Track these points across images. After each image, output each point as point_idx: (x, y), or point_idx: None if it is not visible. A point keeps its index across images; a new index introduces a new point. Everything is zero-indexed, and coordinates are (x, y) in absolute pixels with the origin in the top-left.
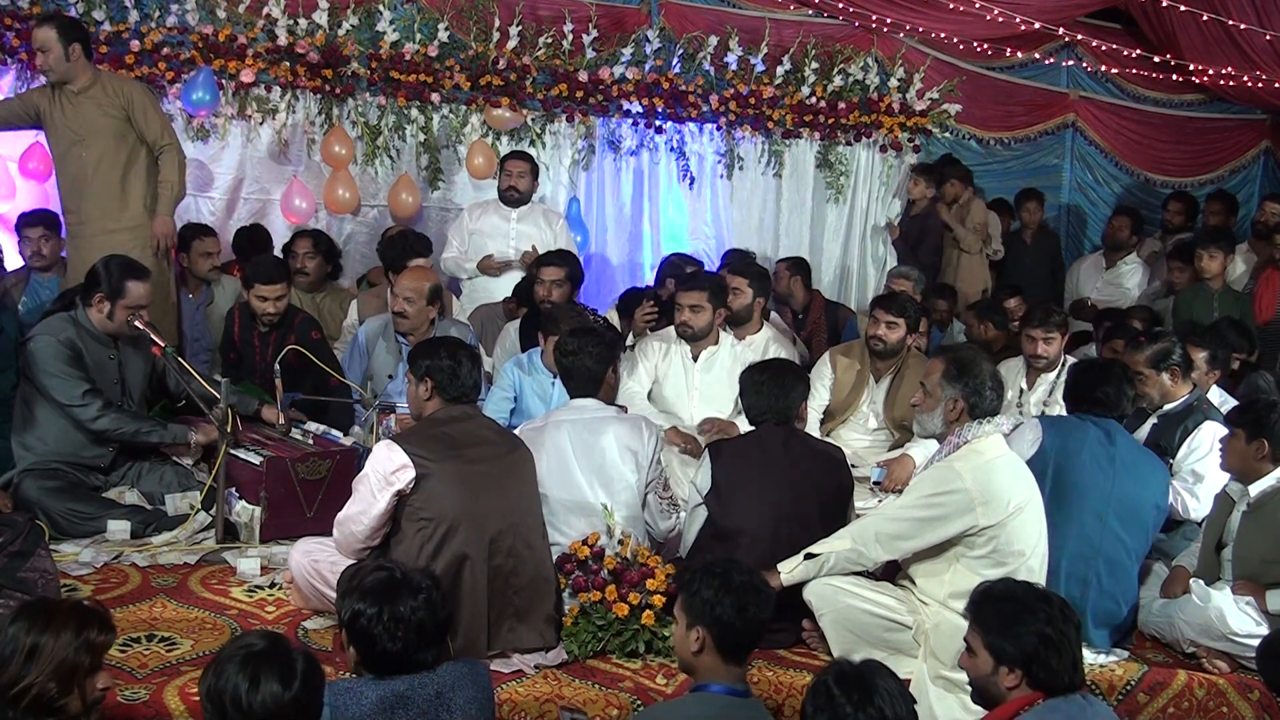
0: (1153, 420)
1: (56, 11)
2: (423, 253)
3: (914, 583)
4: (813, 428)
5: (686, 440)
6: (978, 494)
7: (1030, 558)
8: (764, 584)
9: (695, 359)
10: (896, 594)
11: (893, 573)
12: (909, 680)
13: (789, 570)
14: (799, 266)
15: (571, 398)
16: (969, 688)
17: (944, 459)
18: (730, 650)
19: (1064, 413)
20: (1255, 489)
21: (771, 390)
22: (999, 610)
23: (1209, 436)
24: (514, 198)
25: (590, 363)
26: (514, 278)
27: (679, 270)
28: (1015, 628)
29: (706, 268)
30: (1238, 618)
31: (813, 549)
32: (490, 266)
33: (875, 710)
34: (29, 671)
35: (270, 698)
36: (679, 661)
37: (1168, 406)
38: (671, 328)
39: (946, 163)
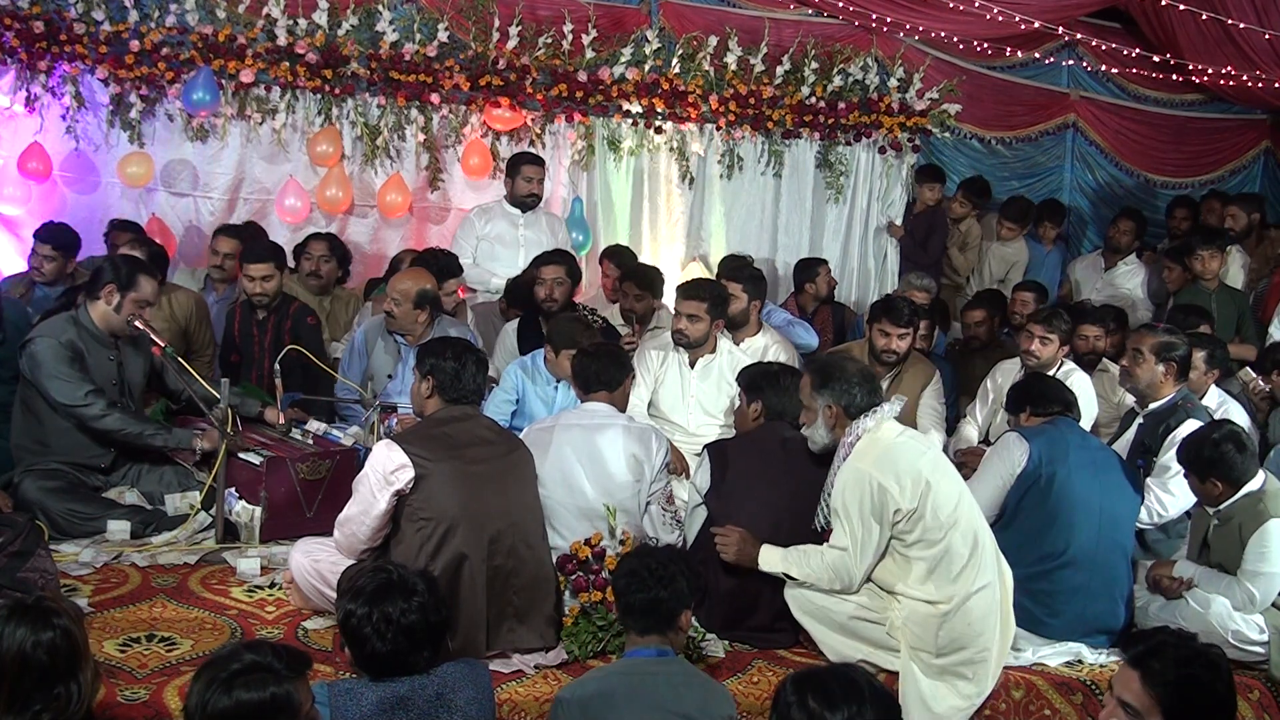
0: (1139, 421)
1: None
2: (455, 273)
3: (873, 581)
4: None
5: (677, 459)
6: (889, 478)
7: (959, 524)
8: (660, 568)
9: (692, 366)
10: (864, 596)
11: None
12: (897, 675)
13: (768, 564)
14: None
15: (583, 399)
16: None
17: (845, 464)
18: (637, 622)
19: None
20: (1222, 504)
21: (771, 390)
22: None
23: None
24: (531, 203)
25: (615, 368)
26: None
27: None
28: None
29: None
30: (1238, 623)
31: (791, 572)
32: None
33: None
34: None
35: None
36: None
37: (1153, 405)
38: (669, 335)
39: (979, 191)
